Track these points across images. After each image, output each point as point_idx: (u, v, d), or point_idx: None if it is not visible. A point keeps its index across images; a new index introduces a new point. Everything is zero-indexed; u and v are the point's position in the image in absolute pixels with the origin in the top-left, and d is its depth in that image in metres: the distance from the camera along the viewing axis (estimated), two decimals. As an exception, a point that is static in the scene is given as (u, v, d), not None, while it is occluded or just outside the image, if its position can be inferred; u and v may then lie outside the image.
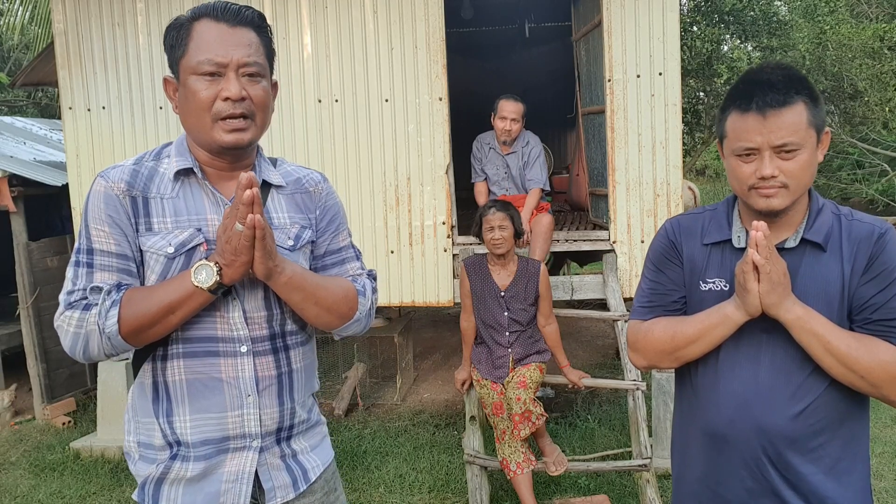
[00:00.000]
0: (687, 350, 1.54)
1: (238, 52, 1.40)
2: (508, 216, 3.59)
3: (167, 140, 1.61)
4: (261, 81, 1.45)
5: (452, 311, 7.93)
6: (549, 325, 3.68)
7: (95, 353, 1.41)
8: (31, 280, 5.45)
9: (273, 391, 1.50)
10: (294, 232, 1.54)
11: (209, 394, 1.45)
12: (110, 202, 1.42)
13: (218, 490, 1.48)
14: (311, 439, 1.63)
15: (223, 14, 1.41)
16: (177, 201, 1.46)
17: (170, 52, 1.45)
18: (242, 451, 1.49)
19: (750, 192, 1.46)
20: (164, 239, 1.42)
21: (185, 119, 1.46)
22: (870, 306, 1.43)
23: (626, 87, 4.31)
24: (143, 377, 1.50)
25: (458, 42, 6.53)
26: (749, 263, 1.39)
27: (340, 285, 1.56)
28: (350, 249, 1.66)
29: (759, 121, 1.41)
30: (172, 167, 1.47)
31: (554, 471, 3.60)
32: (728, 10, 9.13)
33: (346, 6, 4.49)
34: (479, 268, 3.70)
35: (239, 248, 1.34)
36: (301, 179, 1.61)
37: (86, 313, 1.38)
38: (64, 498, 4.10)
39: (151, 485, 1.49)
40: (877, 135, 10.62)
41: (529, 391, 3.44)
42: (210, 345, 1.45)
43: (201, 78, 1.40)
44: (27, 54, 12.97)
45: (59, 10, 4.69)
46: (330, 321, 1.54)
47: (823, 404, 1.46)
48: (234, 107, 1.40)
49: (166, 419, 1.46)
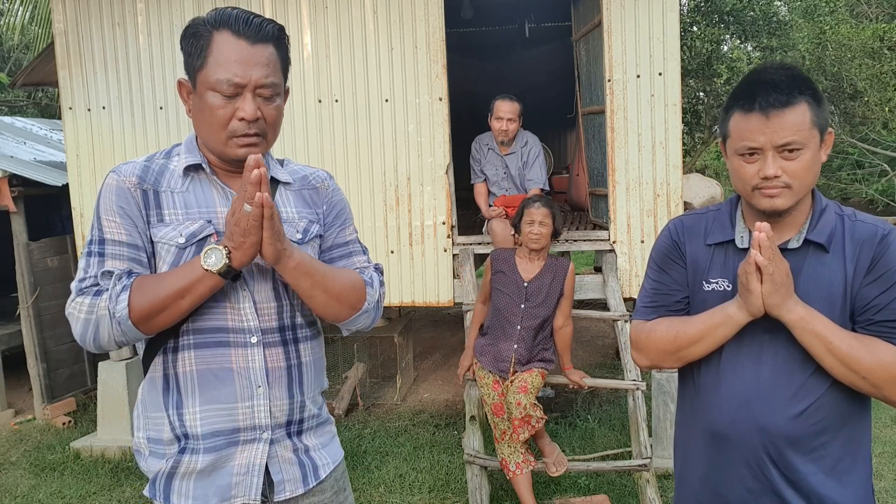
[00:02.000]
0: (689, 350, 1.54)
1: (256, 73, 1.42)
2: (551, 214, 3.57)
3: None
4: (275, 101, 1.48)
5: (452, 311, 7.93)
6: (565, 326, 3.66)
7: (106, 339, 1.41)
8: (31, 280, 5.45)
9: (283, 383, 1.52)
10: (302, 226, 1.57)
11: (219, 384, 1.47)
12: (122, 194, 1.45)
13: (229, 483, 1.49)
14: (322, 437, 1.65)
15: (245, 29, 1.42)
16: (187, 195, 1.49)
17: (187, 57, 1.47)
18: (252, 443, 1.50)
19: (753, 192, 1.46)
20: (175, 230, 1.45)
21: (198, 126, 1.50)
22: (872, 307, 1.44)
23: (626, 87, 4.31)
24: (154, 371, 1.51)
25: (458, 42, 6.53)
26: (752, 264, 1.40)
27: (348, 275, 1.58)
28: (357, 244, 1.68)
29: (763, 121, 1.41)
30: (182, 163, 1.50)
31: (554, 471, 3.60)
32: (728, 10, 9.12)
33: (346, 6, 4.49)
34: (506, 258, 3.69)
35: (247, 229, 1.36)
36: (308, 177, 1.65)
37: (97, 299, 1.40)
38: (64, 498, 4.10)
39: (162, 479, 1.51)
40: (877, 135, 10.63)
41: (530, 396, 3.44)
42: (220, 335, 1.47)
43: (218, 95, 1.42)
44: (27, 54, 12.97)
45: (59, 10, 4.69)
46: (339, 311, 1.55)
47: (825, 404, 1.46)
48: (249, 127, 1.44)
49: (176, 411, 1.48)
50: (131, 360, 4.95)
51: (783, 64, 1.47)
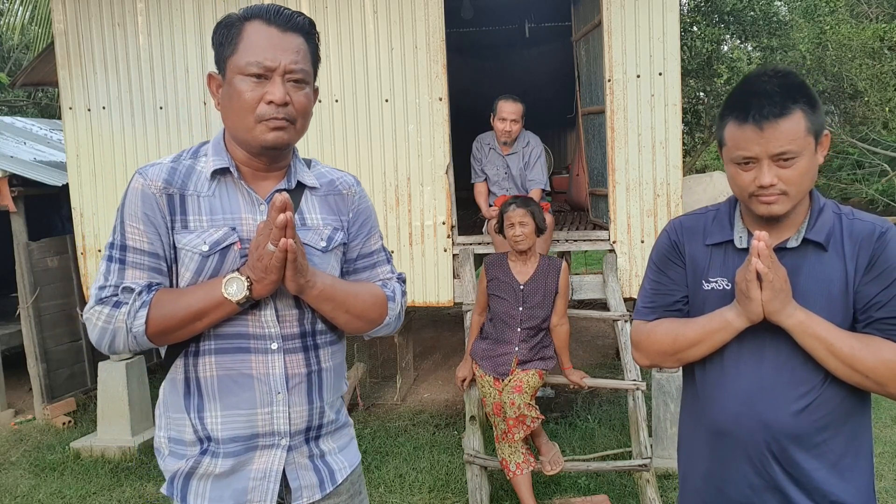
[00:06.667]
0: (688, 352, 1.56)
1: (286, 58, 1.43)
2: (529, 212, 3.56)
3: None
4: (304, 88, 1.47)
5: (452, 311, 7.93)
6: (561, 325, 3.65)
7: (121, 348, 1.45)
8: (31, 280, 5.45)
9: (302, 389, 1.52)
10: (326, 234, 1.56)
11: (239, 390, 1.48)
12: (147, 200, 1.45)
13: (245, 487, 1.50)
14: (339, 440, 1.64)
15: (275, 18, 1.44)
16: (213, 200, 1.48)
17: (217, 49, 1.48)
18: (271, 448, 1.51)
19: (750, 198, 1.47)
20: (199, 237, 1.45)
21: (226, 116, 1.49)
22: (873, 305, 1.44)
23: (626, 87, 4.31)
24: (175, 373, 1.52)
25: (458, 42, 6.53)
26: (752, 272, 1.40)
27: (371, 292, 1.59)
28: (381, 253, 1.69)
29: (757, 132, 1.41)
30: (209, 166, 1.49)
31: (549, 470, 3.60)
32: (728, 10, 9.13)
33: (346, 6, 4.49)
34: (499, 263, 3.69)
35: (270, 268, 1.37)
36: (335, 181, 1.63)
37: (115, 310, 1.41)
38: (64, 498, 4.10)
39: (180, 479, 1.51)
40: (877, 135, 10.63)
41: (525, 396, 3.43)
42: (241, 341, 1.48)
43: (248, 79, 1.42)
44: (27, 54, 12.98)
45: (59, 10, 4.69)
46: (360, 327, 1.58)
47: (827, 400, 1.47)
48: (277, 111, 1.42)
49: (197, 415, 1.49)
50: (131, 361, 4.95)
51: (777, 70, 1.46)
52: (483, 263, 3.80)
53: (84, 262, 4.81)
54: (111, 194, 4.74)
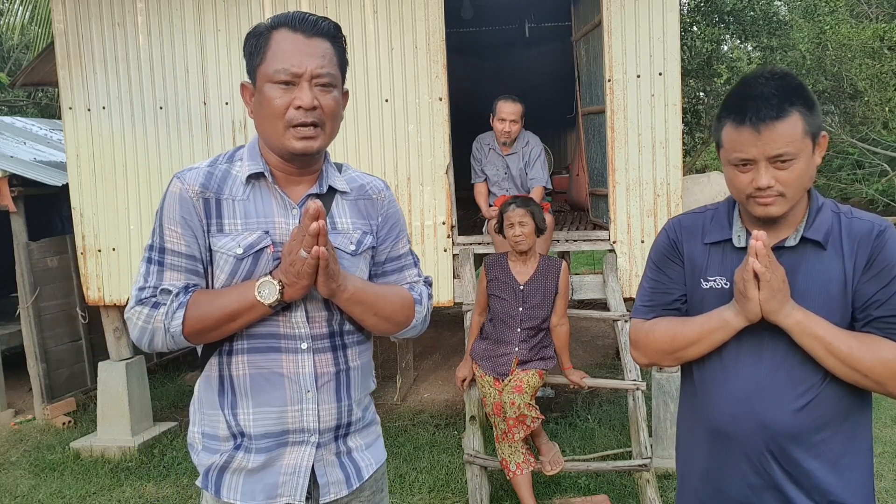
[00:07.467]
0: (686, 351, 1.56)
1: (312, 63, 1.47)
2: (529, 212, 3.56)
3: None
4: (332, 91, 1.51)
5: (452, 311, 7.93)
6: (561, 325, 3.65)
7: (159, 346, 1.51)
8: (31, 280, 5.46)
9: (331, 388, 1.57)
10: (356, 237, 1.60)
11: (270, 388, 1.53)
12: (185, 204, 1.50)
13: (276, 482, 1.55)
14: (367, 437, 1.69)
15: (301, 25, 1.48)
16: (247, 203, 1.53)
17: (248, 58, 1.53)
18: (300, 445, 1.56)
19: (748, 200, 1.48)
20: (233, 240, 1.50)
21: (259, 124, 1.54)
22: (872, 303, 1.44)
23: (626, 87, 4.31)
24: (210, 370, 1.57)
25: (458, 42, 6.53)
26: (750, 272, 1.41)
27: (399, 294, 1.64)
28: (409, 256, 1.74)
29: (754, 135, 1.42)
30: (245, 171, 1.55)
31: (549, 470, 3.60)
32: (728, 10, 9.13)
33: (346, 6, 4.49)
34: (499, 263, 3.69)
35: (301, 273, 1.42)
36: (365, 186, 1.67)
37: (154, 311, 1.48)
38: (64, 498, 4.10)
39: (215, 472, 1.57)
40: (877, 135, 10.63)
41: (525, 396, 3.43)
42: (272, 341, 1.53)
43: (276, 86, 1.47)
44: (27, 54, 12.98)
45: (59, 10, 4.69)
46: (387, 329, 1.63)
47: (826, 399, 1.47)
48: (306, 115, 1.46)
49: (231, 411, 1.54)
50: (131, 360, 4.96)
51: (774, 72, 1.46)
52: (483, 263, 3.80)
53: (84, 262, 4.81)
54: (111, 194, 4.74)
